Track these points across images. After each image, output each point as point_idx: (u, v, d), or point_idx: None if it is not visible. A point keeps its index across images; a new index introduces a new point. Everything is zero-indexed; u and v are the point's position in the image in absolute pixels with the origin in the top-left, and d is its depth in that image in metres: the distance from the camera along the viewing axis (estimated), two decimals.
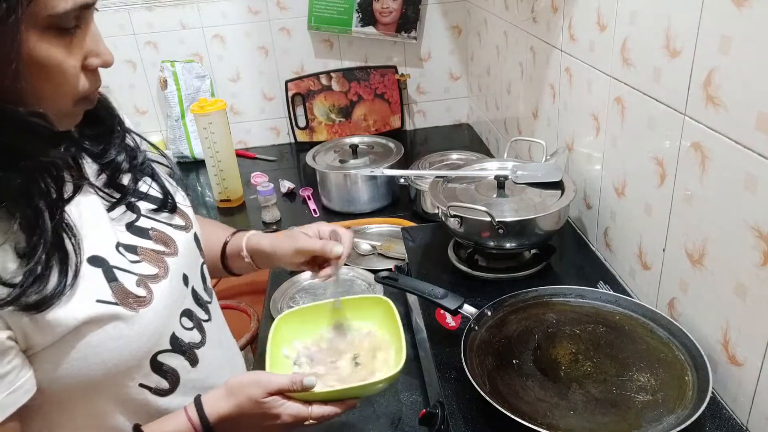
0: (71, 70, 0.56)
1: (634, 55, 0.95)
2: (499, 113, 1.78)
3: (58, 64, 0.55)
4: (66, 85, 0.56)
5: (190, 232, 0.80)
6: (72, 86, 0.57)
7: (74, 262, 0.60)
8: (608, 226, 1.11)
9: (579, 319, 0.89)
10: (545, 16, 1.29)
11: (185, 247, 0.77)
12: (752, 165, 0.70)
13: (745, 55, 0.69)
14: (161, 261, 0.71)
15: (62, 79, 0.56)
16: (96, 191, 0.68)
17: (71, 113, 0.60)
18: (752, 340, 0.74)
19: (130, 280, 0.66)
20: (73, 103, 0.59)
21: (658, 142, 0.90)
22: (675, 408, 0.73)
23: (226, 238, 0.96)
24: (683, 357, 0.80)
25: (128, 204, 0.72)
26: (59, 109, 0.58)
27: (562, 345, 0.85)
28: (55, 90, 0.56)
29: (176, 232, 0.76)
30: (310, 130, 2.10)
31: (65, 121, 0.61)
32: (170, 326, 0.71)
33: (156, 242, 0.72)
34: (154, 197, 0.76)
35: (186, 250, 0.77)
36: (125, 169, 0.73)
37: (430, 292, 0.92)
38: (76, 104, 0.59)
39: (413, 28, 1.98)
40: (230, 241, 0.95)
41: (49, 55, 0.53)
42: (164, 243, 0.73)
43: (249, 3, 1.93)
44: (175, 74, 1.93)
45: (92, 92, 0.61)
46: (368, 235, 1.49)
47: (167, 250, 0.73)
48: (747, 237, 0.72)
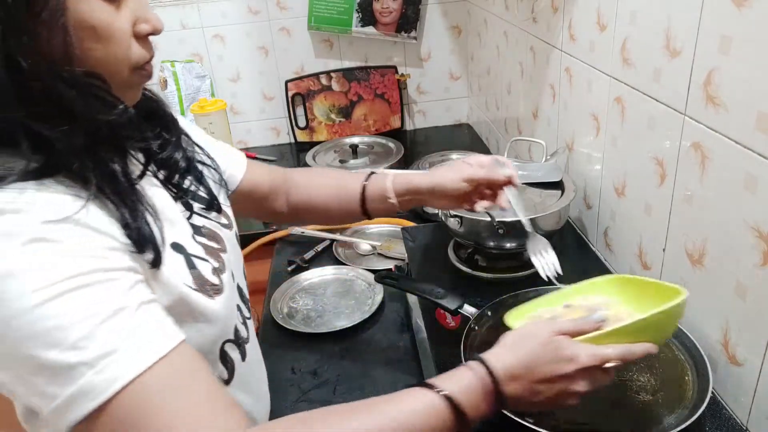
0: (120, 34, 0.56)
1: (634, 55, 0.95)
2: (499, 113, 1.78)
3: (107, 26, 0.55)
4: (117, 49, 0.56)
5: (233, 230, 0.81)
6: (124, 51, 0.57)
7: (158, 244, 0.60)
8: (608, 226, 1.11)
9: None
10: (545, 16, 1.29)
11: (231, 245, 0.78)
12: (752, 165, 0.70)
13: (745, 55, 0.69)
14: (218, 256, 0.72)
15: (112, 42, 0.56)
16: (162, 184, 0.69)
17: (129, 83, 0.60)
18: (752, 340, 0.74)
19: (207, 268, 0.67)
20: (128, 71, 0.59)
21: (658, 142, 0.90)
22: (675, 408, 0.73)
23: (362, 182, 0.93)
24: (683, 357, 0.80)
25: (183, 201, 0.73)
26: (116, 76, 0.57)
27: None
28: (107, 53, 0.56)
29: (223, 230, 0.77)
30: (310, 130, 2.10)
31: (126, 94, 0.61)
32: (233, 317, 0.72)
33: (208, 239, 0.73)
34: (201, 197, 0.77)
35: (232, 247, 0.78)
36: (182, 167, 0.73)
37: (430, 292, 0.92)
38: (133, 73, 0.59)
39: (413, 28, 1.98)
40: (368, 185, 0.93)
41: (97, 16, 0.54)
42: (215, 240, 0.74)
43: (249, 3, 1.93)
44: (175, 74, 1.93)
45: (147, 62, 0.61)
46: (368, 235, 1.49)
47: (218, 246, 0.74)
48: (747, 237, 0.72)
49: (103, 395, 0.49)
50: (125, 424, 0.49)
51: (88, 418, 0.49)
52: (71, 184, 0.54)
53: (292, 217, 1.00)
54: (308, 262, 1.39)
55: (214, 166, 0.82)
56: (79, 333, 0.49)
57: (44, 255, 0.49)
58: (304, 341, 1.14)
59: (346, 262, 1.37)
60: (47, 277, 0.49)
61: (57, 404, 0.49)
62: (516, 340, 0.65)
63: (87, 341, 0.49)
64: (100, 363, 0.49)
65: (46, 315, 0.48)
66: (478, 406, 0.60)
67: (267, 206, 0.97)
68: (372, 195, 0.93)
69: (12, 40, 0.49)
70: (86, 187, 0.54)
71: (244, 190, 0.92)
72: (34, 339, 0.48)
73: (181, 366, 0.54)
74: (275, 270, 1.38)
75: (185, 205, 0.72)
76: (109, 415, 0.49)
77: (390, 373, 1.03)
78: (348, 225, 1.50)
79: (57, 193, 0.52)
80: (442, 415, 0.58)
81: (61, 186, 0.53)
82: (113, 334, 0.50)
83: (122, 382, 0.49)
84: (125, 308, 0.52)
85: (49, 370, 0.48)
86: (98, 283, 0.51)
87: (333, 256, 1.41)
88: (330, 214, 0.99)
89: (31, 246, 0.49)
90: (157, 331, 0.53)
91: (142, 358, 0.51)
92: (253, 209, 0.99)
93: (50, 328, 0.48)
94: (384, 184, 0.92)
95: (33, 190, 0.51)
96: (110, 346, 0.49)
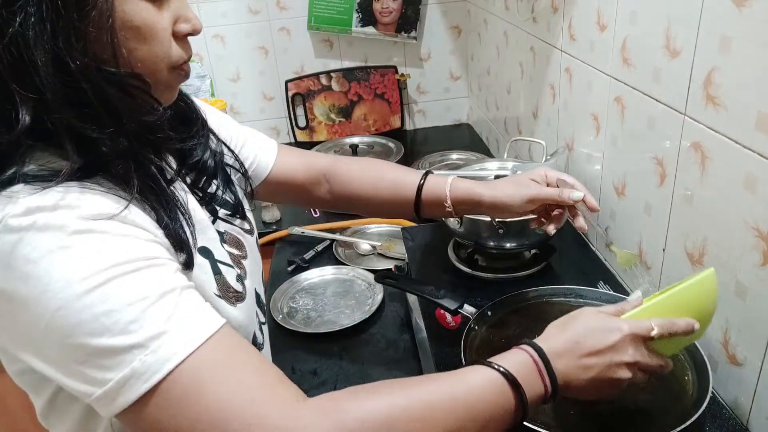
0: (163, 33, 0.56)
1: (634, 55, 0.95)
2: (499, 113, 1.78)
3: (151, 25, 0.55)
4: (159, 49, 0.57)
5: (254, 235, 0.81)
6: (165, 50, 0.57)
7: (191, 246, 0.60)
8: (608, 226, 1.11)
9: None
10: (545, 16, 1.29)
11: (251, 250, 0.77)
12: (752, 165, 0.70)
13: (745, 55, 0.69)
14: (239, 263, 0.72)
15: (155, 41, 0.56)
16: (189, 189, 0.69)
17: (167, 82, 0.60)
18: (752, 340, 0.74)
19: (231, 275, 0.67)
20: (168, 70, 0.59)
21: (658, 142, 0.90)
22: (675, 408, 0.73)
23: (419, 181, 0.88)
24: (683, 357, 0.80)
25: (209, 206, 0.72)
26: (155, 75, 0.58)
27: None
28: (149, 53, 0.56)
29: (245, 236, 0.77)
30: (310, 130, 2.10)
31: (164, 93, 0.61)
32: (253, 324, 0.72)
33: (230, 245, 0.73)
34: (228, 202, 0.76)
35: (252, 253, 0.77)
36: (211, 169, 0.73)
37: (430, 292, 0.92)
38: (171, 72, 0.59)
39: (413, 28, 1.98)
40: (425, 186, 0.88)
41: (141, 16, 0.54)
42: (237, 246, 0.74)
43: (249, 3, 1.93)
44: None
45: (185, 62, 0.61)
46: (368, 235, 1.49)
47: (239, 253, 0.74)
48: (747, 237, 0.72)
49: (157, 375, 0.48)
50: (181, 403, 0.49)
51: (140, 401, 0.49)
52: (112, 186, 0.54)
53: (337, 206, 0.97)
54: (308, 262, 1.39)
55: (242, 170, 0.82)
56: (128, 317, 0.49)
57: (90, 244, 0.50)
58: (304, 341, 1.14)
59: (346, 262, 1.37)
60: (93, 266, 0.49)
61: (107, 389, 0.49)
62: (561, 323, 0.65)
63: (137, 324, 0.49)
64: (152, 344, 0.49)
65: (93, 302, 0.48)
66: (533, 383, 0.59)
67: (306, 195, 0.95)
68: (428, 198, 0.88)
69: (61, 40, 0.49)
70: (127, 188, 0.55)
71: (277, 177, 0.91)
72: (83, 327, 0.48)
73: (231, 343, 0.54)
74: (275, 270, 1.38)
75: (210, 211, 0.72)
76: (163, 395, 0.49)
77: (390, 373, 1.03)
78: (349, 225, 1.50)
79: (100, 195, 0.53)
80: (503, 390, 0.58)
81: (103, 188, 0.53)
82: (162, 316, 0.50)
83: (176, 361, 0.49)
84: (171, 291, 0.52)
85: (100, 356, 0.48)
86: (144, 269, 0.51)
87: (333, 256, 1.41)
88: (379, 210, 0.97)
89: (76, 237, 0.49)
90: (203, 312, 0.54)
91: (193, 336, 0.51)
92: (292, 197, 0.97)
93: (98, 314, 0.48)
94: (442, 188, 0.87)
95: (77, 191, 0.51)
96: (161, 327, 0.49)
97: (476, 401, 0.57)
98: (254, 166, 0.89)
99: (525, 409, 0.58)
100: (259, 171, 0.89)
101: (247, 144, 0.88)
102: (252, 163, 0.88)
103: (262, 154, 0.90)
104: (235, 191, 0.78)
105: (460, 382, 0.58)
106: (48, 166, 0.52)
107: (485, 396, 0.57)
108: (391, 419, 0.53)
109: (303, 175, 0.93)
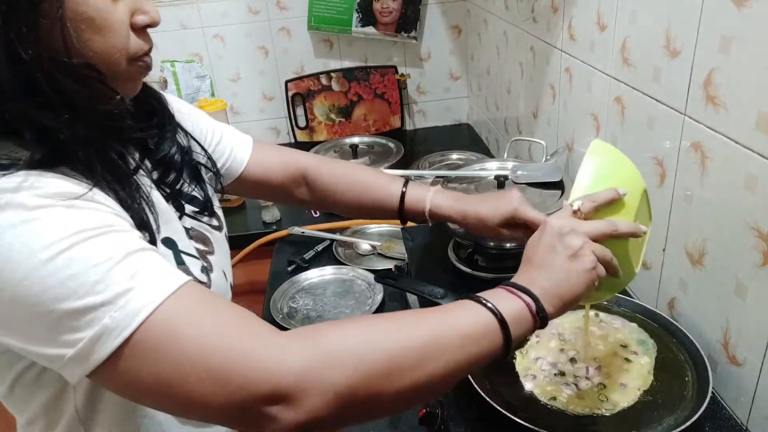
0: (119, 25, 0.57)
1: (634, 55, 0.95)
2: (499, 113, 1.78)
3: (105, 17, 0.55)
4: (116, 40, 0.57)
5: (223, 231, 0.81)
6: (122, 42, 0.58)
7: (154, 230, 0.61)
8: None
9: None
10: (545, 16, 1.29)
11: (219, 246, 0.78)
12: (752, 165, 0.70)
13: (745, 55, 0.69)
14: (205, 257, 0.73)
15: (110, 33, 0.56)
16: (155, 185, 0.70)
17: (128, 74, 0.60)
18: (752, 340, 0.74)
19: (196, 265, 0.68)
20: (127, 62, 0.59)
21: (658, 142, 0.90)
22: (675, 408, 0.73)
23: (401, 189, 0.90)
24: (683, 357, 0.80)
25: (175, 201, 0.73)
26: (114, 67, 0.58)
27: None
28: (105, 44, 0.56)
29: (213, 232, 0.78)
30: (310, 130, 2.10)
31: (125, 85, 0.61)
32: None
33: (195, 241, 0.73)
34: (197, 199, 0.77)
35: (220, 248, 0.78)
36: (177, 164, 0.73)
37: (430, 292, 0.92)
38: (131, 64, 0.60)
39: (413, 28, 1.98)
40: (407, 194, 0.90)
41: (96, 8, 0.55)
42: (203, 242, 0.75)
43: (249, 3, 1.93)
44: (175, 74, 1.93)
45: (146, 54, 0.61)
46: (368, 235, 1.49)
47: (205, 248, 0.74)
48: (747, 237, 0.72)
49: (128, 329, 0.49)
50: (158, 350, 0.50)
51: (115, 356, 0.49)
52: (75, 175, 0.55)
53: (318, 206, 0.98)
54: (308, 262, 1.39)
55: (213, 169, 0.82)
56: (94, 278, 0.49)
57: (52, 216, 0.50)
58: None
59: (346, 262, 1.37)
60: (55, 234, 0.49)
61: (79, 348, 0.49)
62: (539, 262, 0.66)
63: (103, 284, 0.49)
64: (120, 300, 0.49)
65: (57, 268, 0.48)
66: (505, 297, 0.61)
67: (285, 193, 0.95)
68: (410, 210, 0.90)
69: (13, 31, 0.50)
70: (90, 174, 0.55)
71: (253, 174, 0.91)
72: (49, 293, 0.48)
73: (199, 293, 0.54)
74: (275, 270, 1.38)
75: (177, 207, 0.73)
76: (138, 346, 0.49)
77: None
78: (349, 225, 1.50)
79: (62, 179, 0.53)
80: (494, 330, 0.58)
81: (65, 176, 0.54)
82: (127, 274, 0.50)
83: (146, 313, 0.49)
84: (135, 252, 0.52)
85: (69, 318, 0.48)
86: (107, 233, 0.52)
87: (333, 256, 1.41)
88: (361, 216, 0.98)
89: (39, 210, 0.50)
90: (169, 269, 0.54)
91: (160, 289, 0.51)
92: (270, 195, 0.97)
93: (64, 279, 0.48)
94: (422, 204, 0.89)
95: (39, 175, 0.52)
96: (127, 284, 0.50)
97: (461, 336, 0.57)
98: (229, 162, 0.89)
99: (509, 348, 0.59)
100: (234, 167, 0.90)
101: (223, 140, 0.88)
102: (227, 160, 0.89)
103: (238, 151, 0.90)
104: (206, 189, 0.79)
105: (448, 317, 0.58)
106: (10, 155, 0.52)
107: (471, 331, 0.58)
108: (369, 341, 0.53)
109: (280, 174, 0.94)
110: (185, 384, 0.50)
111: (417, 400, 0.57)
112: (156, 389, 0.50)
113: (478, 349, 0.57)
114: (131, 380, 0.50)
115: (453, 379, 0.57)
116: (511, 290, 0.62)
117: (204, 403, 0.50)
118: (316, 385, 0.50)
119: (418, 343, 0.55)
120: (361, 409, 0.53)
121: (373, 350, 0.53)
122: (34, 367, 0.60)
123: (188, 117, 0.83)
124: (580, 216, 0.67)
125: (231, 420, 0.53)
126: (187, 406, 0.52)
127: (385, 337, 0.54)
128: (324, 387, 0.50)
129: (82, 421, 0.65)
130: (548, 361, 0.82)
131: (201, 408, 0.51)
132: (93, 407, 0.64)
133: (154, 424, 0.67)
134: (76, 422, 0.65)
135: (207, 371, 0.50)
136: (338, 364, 0.51)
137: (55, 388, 0.63)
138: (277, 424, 0.51)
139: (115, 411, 0.65)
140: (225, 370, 0.50)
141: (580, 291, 0.63)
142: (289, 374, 0.50)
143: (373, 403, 0.53)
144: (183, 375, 0.50)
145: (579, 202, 0.68)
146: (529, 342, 0.86)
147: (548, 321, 0.61)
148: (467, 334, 0.57)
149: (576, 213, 0.67)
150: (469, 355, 0.57)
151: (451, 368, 0.56)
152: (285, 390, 0.50)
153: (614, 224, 0.67)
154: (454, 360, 0.56)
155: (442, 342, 0.55)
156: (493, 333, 0.58)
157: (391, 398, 0.53)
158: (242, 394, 0.50)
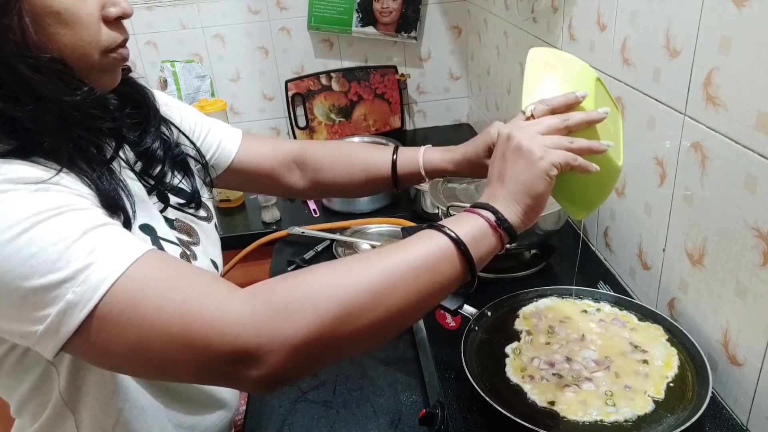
0: (88, 18, 0.57)
1: (634, 55, 0.95)
2: (499, 113, 1.78)
3: (73, 11, 0.56)
4: (85, 33, 0.57)
5: (212, 222, 0.81)
6: (92, 35, 0.58)
7: (129, 212, 0.61)
8: (608, 226, 1.11)
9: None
10: (545, 16, 1.29)
11: (206, 236, 0.78)
12: (752, 165, 0.70)
13: (745, 55, 0.69)
14: (188, 247, 0.73)
15: (79, 26, 0.57)
16: (135, 176, 0.70)
17: (102, 66, 0.61)
18: (752, 340, 0.74)
19: (175, 251, 0.68)
20: (99, 54, 0.59)
21: (658, 142, 0.90)
22: (675, 408, 0.73)
23: (392, 157, 0.91)
24: (683, 357, 0.80)
25: (159, 193, 0.73)
26: (85, 60, 0.58)
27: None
28: (74, 37, 0.57)
29: (200, 222, 0.78)
30: (310, 130, 2.10)
31: (100, 77, 0.61)
32: None
33: (180, 232, 0.74)
34: (184, 192, 0.77)
35: (207, 238, 0.78)
36: (160, 157, 0.74)
37: None
38: (104, 56, 0.60)
39: (413, 28, 1.98)
40: (399, 156, 0.91)
41: (62, 2, 0.55)
42: (187, 233, 0.75)
43: (249, 3, 1.93)
44: (175, 74, 1.93)
45: (120, 46, 0.61)
46: (368, 235, 1.49)
47: (190, 239, 0.75)
48: (747, 237, 0.72)
49: (91, 302, 0.50)
50: (122, 320, 0.51)
51: (82, 328, 0.50)
52: (46, 163, 0.55)
53: (311, 193, 0.98)
54: (308, 262, 1.39)
55: (202, 161, 0.83)
56: (54, 255, 0.50)
57: (14, 199, 0.51)
58: None
59: None
60: (17, 215, 0.50)
61: (48, 324, 0.50)
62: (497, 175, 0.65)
63: (63, 261, 0.50)
64: (80, 276, 0.50)
65: (20, 247, 0.49)
66: (464, 218, 0.61)
67: (275, 181, 0.95)
68: (403, 174, 0.91)
69: None
70: (59, 161, 0.56)
71: (243, 164, 0.91)
72: (13, 272, 0.49)
73: (159, 261, 0.55)
74: (275, 270, 1.38)
75: (161, 198, 0.73)
76: (103, 318, 0.50)
77: (389, 374, 1.03)
78: (349, 225, 1.50)
79: (27, 165, 0.54)
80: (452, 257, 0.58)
81: (34, 164, 0.54)
82: (86, 250, 0.51)
83: (106, 286, 0.50)
84: (94, 228, 0.53)
85: (35, 296, 0.50)
86: (67, 212, 0.52)
87: (333, 256, 1.41)
88: (355, 193, 0.99)
89: (1, 195, 0.50)
90: (129, 240, 0.55)
91: (119, 261, 0.52)
92: (261, 184, 0.97)
93: (26, 257, 0.49)
94: (416, 164, 0.89)
95: (4, 163, 0.52)
96: (86, 260, 0.51)
97: (414, 268, 0.57)
98: (218, 153, 0.89)
99: (474, 269, 0.59)
100: (223, 158, 0.90)
101: (211, 132, 0.89)
102: (216, 151, 0.89)
103: (226, 142, 0.90)
104: (194, 181, 0.79)
105: (400, 252, 0.58)
106: None
107: (425, 261, 0.57)
108: (320, 289, 0.54)
109: (271, 161, 0.93)
110: (153, 350, 0.51)
111: (382, 335, 0.57)
112: (128, 357, 0.52)
113: (437, 276, 0.57)
114: (103, 350, 0.52)
115: (418, 311, 0.58)
116: (471, 210, 0.62)
117: (174, 366, 0.52)
118: (272, 340, 0.51)
119: (367, 284, 0.55)
120: (325, 356, 0.54)
121: (324, 298, 0.53)
122: (15, 350, 0.62)
123: (176, 111, 0.83)
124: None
125: (205, 380, 0.55)
126: (159, 369, 0.54)
127: (335, 283, 0.54)
128: (280, 341, 0.51)
129: (68, 404, 0.66)
130: (544, 361, 0.82)
131: (173, 371, 0.54)
132: (77, 389, 0.66)
133: (136, 408, 0.68)
134: (62, 405, 0.66)
135: (170, 336, 0.51)
136: (291, 317, 0.52)
137: (38, 372, 0.64)
138: (248, 382, 0.52)
139: (98, 394, 0.66)
140: (186, 334, 0.51)
141: (539, 187, 0.61)
142: (245, 333, 0.51)
143: (335, 347, 0.54)
144: (149, 341, 0.51)
145: (532, 107, 0.66)
146: (523, 340, 0.86)
147: (516, 231, 0.61)
148: (420, 265, 0.57)
149: (529, 119, 0.66)
150: (429, 284, 0.57)
151: (412, 301, 0.56)
152: (244, 349, 0.51)
153: (565, 116, 0.65)
154: (413, 292, 0.56)
155: (393, 278, 0.55)
156: (450, 257, 0.58)
157: (352, 340, 0.54)
158: (207, 356, 0.51)
